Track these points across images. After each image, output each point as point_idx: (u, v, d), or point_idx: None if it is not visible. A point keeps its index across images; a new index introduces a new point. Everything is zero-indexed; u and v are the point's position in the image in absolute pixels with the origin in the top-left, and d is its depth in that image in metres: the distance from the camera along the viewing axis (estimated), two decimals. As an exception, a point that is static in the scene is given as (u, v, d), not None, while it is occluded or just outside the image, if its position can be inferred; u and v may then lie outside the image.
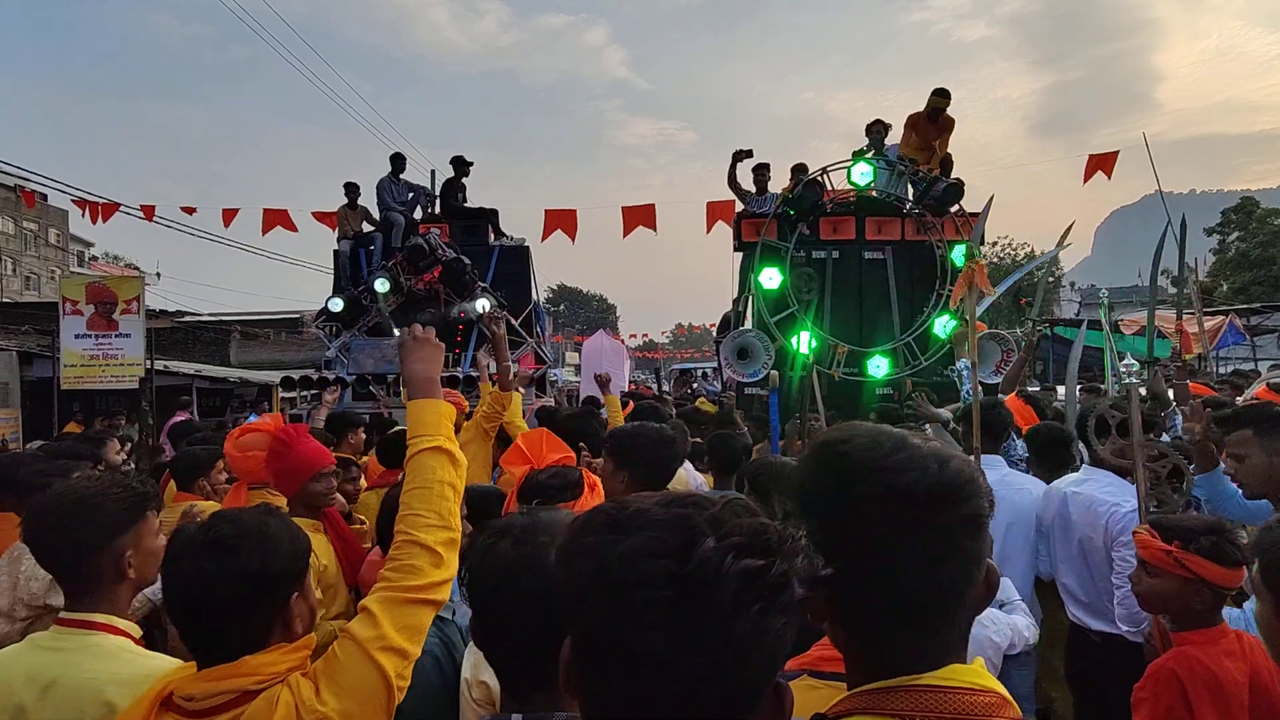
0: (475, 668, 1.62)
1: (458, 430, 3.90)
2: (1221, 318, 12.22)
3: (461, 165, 10.33)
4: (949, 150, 8.39)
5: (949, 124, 8.45)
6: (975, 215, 8.25)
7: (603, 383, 4.26)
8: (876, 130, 8.51)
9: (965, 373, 5.02)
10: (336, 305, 8.59)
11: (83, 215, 12.21)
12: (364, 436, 4.68)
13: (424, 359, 1.59)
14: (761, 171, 9.11)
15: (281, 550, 1.31)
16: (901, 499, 0.79)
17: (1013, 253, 44.51)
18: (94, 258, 47.48)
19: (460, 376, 7.92)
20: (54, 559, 1.59)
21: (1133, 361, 2.86)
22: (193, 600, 1.25)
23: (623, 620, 0.61)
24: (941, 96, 8.34)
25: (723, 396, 7.36)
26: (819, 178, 8.09)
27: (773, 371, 6.23)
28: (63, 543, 1.55)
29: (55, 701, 1.41)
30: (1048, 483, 3.22)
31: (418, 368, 1.58)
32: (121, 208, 11.92)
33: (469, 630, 1.25)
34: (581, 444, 3.23)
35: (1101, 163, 9.94)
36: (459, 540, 1.43)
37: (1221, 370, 11.31)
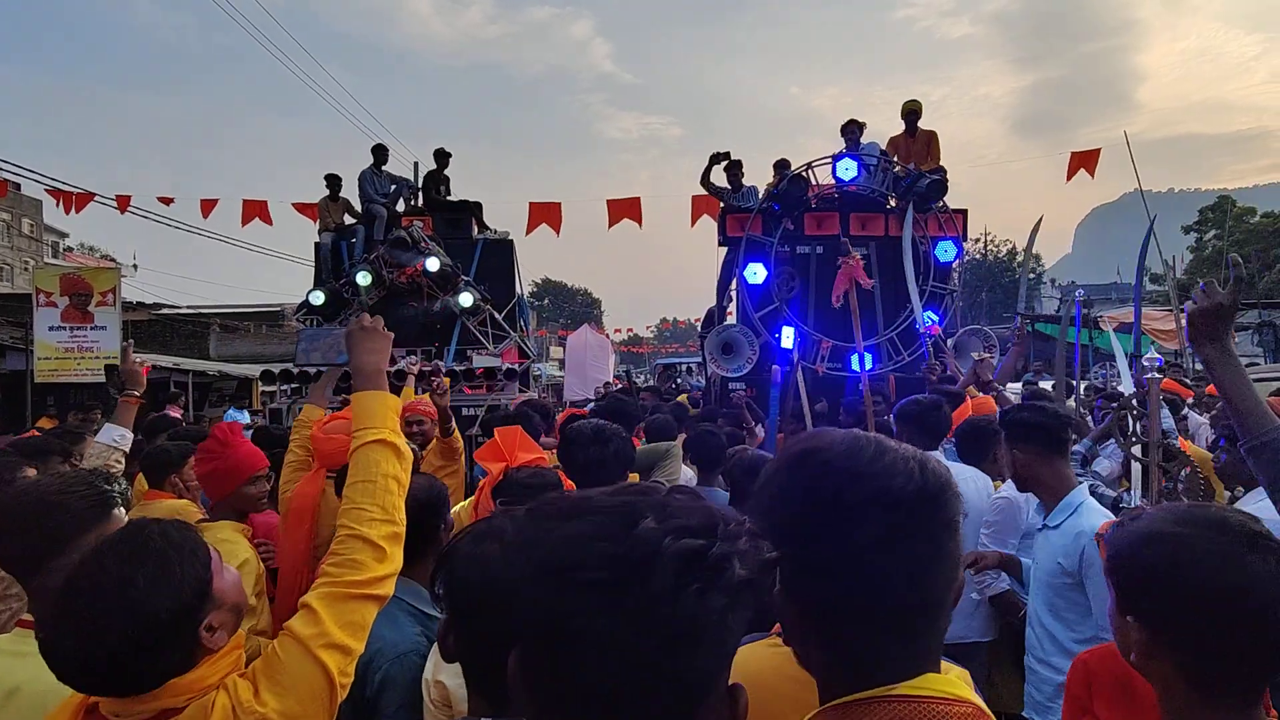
0: (435, 668, 1.59)
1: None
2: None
3: (442, 157, 10.24)
4: (941, 164, 8.41)
5: (931, 137, 8.49)
6: (959, 212, 8.30)
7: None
8: (851, 130, 8.54)
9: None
10: (318, 298, 8.49)
11: (57, 205, 11.98)
12: None
13: (372, 350, 1.56)
14: (735, 169, 9.10)
15: (159, 603, 1.13)
16: (889, 504, 0.78)
17: (995, 250, 44.94)
18: (69, 249, 46.66)
19: (443, 370, 7.86)
20: (15, 561, 1.54)
21: (1156, 357, 2.90)
22: (72, 679, 1.12)
23: (563, 604, 0.60)
24: (911, 105, 8.46)
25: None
26: (804, 173, 8.10)
27: (775, 366, 6.23)
28: (24, 544, 1.49)
29: (19, 709, 1.37)
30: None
31: (366, 359, 1.55)
32: (96, 198, 11.71)
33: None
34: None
35: (1084, 160, 10.04)
36: (403, 534, 1.40)
37: (1198, 366, 11.47)
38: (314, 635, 1.22)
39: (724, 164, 9.08)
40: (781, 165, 8.72)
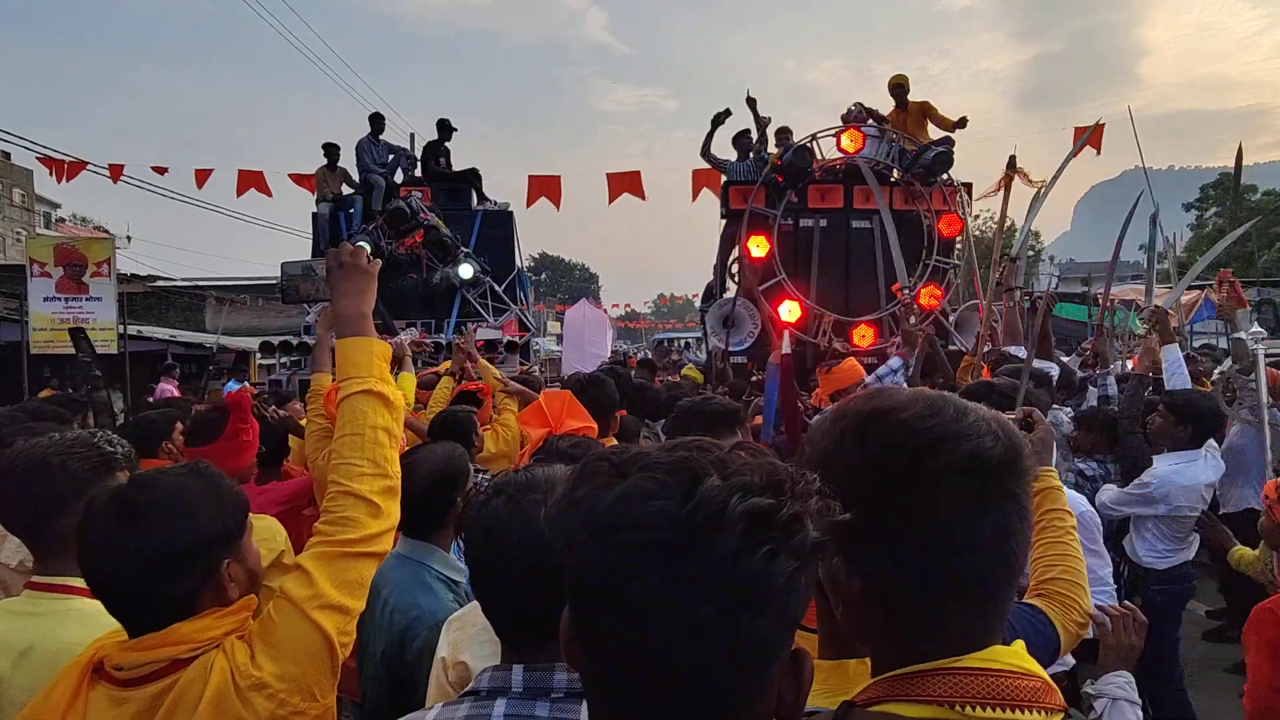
0: (454, 646, 1.51)
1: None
2: (1198, 292, 12.39)
3: (446, 129, 10.10)
4: (957, 121, 8.29)
5: (924, 108, 8.37)
6: (966, 185, 8.24)
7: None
8: (855, 114, 8.44)
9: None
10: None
11: (49, 174, 11.83)
12: None
13: (352, 292, 1.44)
14: (743, 138, 8.78)
15: (202, 517, 1.20)
16: (980, 469, 0.74)
17: (994, 226, 44.67)
18: (61, 219, 46.13)
19: (444, 343, 7.84)
20: (17, 521, 1.54)
21: (1260, 330, 3.06)
22: (106, 572, 1.17)
23: (618, 565, 0.57)
24: (897, 79, 8.36)
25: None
26: (809, 144, 8.01)
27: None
28: (24, 504, 1.48)
29: (32, 668, 1.37)
30: None
31: (347, 303, 1.43)
32: (89, 166, 11.55)
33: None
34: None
35: (1088, 136, 9.92)
36: (398, 488, 1.35)
37: (1195, 344, 11.52)
38: (309, 597, 1.20)
39: (729, 132, 8.86)
40: (783, 134, 8.57)
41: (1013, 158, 6.74)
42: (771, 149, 8.45)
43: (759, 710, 0.60)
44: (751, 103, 8.53)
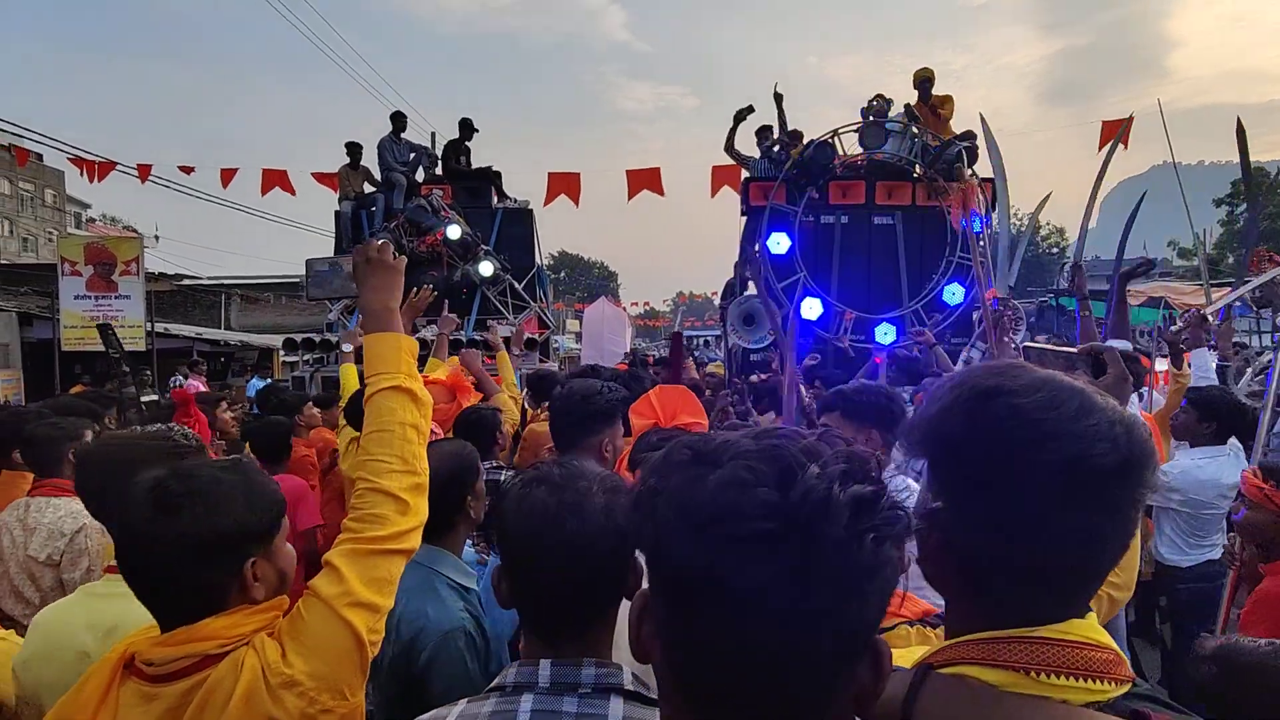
0: None
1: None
2: (1230, 289, 12.13)
3: (468, 128, 10.15)
4: (950, 124, 8.22)
5: (945, 102, 8.28)
6: (988, 181, 8.13)
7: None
8: (876, 107, 8.36)
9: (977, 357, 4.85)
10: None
11: (80, 175, 12.04)
12: None
13: (379, 287, 1.44)
14: (764, 135, 8.81)
15: (232, 511, 1.19)
16: (1085, 474, 0.72)
17: (1019, 223, 44.18)
18: (91, 219, 47.05)
19: (464, 340, 7.88)
20: (92, 508, 1.62)
21: None
22: (138, 560, 1.18)
23: (719, 557, 0.55)
24: (923, 72, 8.29)
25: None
26: (830, 140, 7.95)
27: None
28: (107, 491, 1.53)
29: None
30: None
31: (373, 298, 1.43)
32: (118, 167, 11.75)
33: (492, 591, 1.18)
34: None
35: (1115, 130, 9.73)
36: (426, 484, 1.35)
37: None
38: (339, 594, 1.20)
39: (752, 126, 8.82)
40: (794, 136, 8.54)
41: (968, 171, 6.63)
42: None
43: (847, 695, 0.60)
44: (778, 98, 8.52)
